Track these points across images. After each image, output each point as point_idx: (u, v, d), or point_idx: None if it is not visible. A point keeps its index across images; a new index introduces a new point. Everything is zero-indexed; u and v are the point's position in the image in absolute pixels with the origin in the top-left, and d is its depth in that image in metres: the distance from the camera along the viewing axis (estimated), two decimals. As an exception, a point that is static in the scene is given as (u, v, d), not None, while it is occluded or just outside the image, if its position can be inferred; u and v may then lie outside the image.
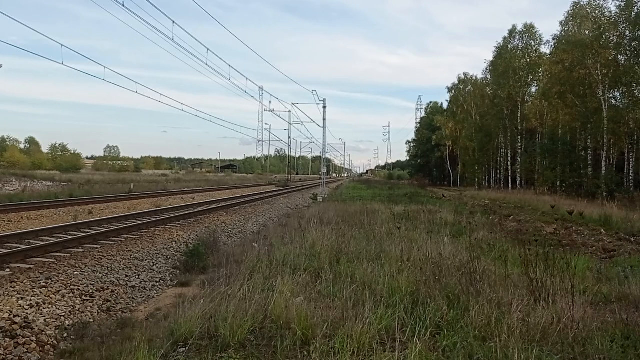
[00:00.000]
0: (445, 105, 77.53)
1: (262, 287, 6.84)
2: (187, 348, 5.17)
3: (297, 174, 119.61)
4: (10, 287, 7.86)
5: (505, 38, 51.41)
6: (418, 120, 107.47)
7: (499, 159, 54.69)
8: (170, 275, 10.83)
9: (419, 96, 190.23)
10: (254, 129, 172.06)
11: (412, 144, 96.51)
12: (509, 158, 51.19)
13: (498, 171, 55.68)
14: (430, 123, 77.70)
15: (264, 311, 5.94)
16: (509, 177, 50.64)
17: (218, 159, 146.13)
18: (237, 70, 60.04)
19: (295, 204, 31.52)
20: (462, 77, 64.88)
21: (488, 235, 13.00)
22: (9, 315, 6.67)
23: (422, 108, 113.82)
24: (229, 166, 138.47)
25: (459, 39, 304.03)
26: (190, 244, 12.87)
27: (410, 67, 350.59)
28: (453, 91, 66.93)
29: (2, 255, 9.47)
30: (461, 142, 62.98)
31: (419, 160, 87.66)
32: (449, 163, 73.74)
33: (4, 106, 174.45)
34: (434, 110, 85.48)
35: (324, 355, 4.76)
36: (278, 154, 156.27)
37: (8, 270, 8.84)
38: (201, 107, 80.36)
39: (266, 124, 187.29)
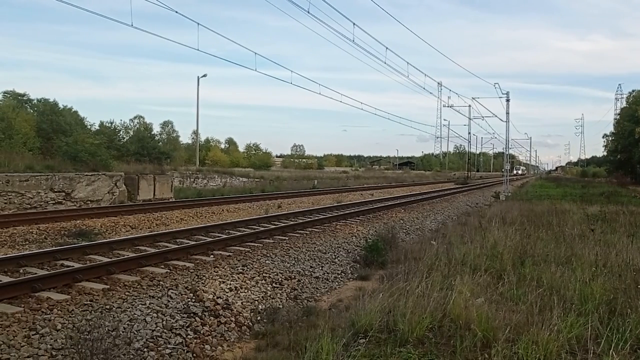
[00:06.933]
0: (652, 93, 68.06)
1: (440, 285, 6.79)
2: (367, 339, 5.37)
3: (478, 171, 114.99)
4: (214, 271, 8.90)
5: None
6: (618, 111, 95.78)
7: None
8: (351, 269, 11.24)
9: (619, 84, 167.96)
10: (432, 126, 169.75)
11: (610, 138, 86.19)
12: None
13: None
14: (634, 114, 68.52)
15: (443, 310, 5.91)
16: None
17: (396, 156, 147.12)
18: (415, 67, 59.51)
19: (476, 202, 30.41)
20: (676, 58, 56.28)
21: None
22: (213, 296, 7.57)
23: (622, 98, 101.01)
24: (407, 163, 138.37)
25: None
26: (369, 239, 13.19)
27: (605, 53, 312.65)
28: (663, 76, 58.44)
29: (208, 243, 10.85)
30: (673, 134, 54.70)
31: (618, 156, 77.90)
32: (657, 158, 64.53)
33: (208, 111, 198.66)
34: (637, 99, 75.42)
35: (506, 360, 4.59)
36: (457, 151, 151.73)
37: (212, 256, 10.04)
38: (379, 105, 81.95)
39: (444, 119, 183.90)
